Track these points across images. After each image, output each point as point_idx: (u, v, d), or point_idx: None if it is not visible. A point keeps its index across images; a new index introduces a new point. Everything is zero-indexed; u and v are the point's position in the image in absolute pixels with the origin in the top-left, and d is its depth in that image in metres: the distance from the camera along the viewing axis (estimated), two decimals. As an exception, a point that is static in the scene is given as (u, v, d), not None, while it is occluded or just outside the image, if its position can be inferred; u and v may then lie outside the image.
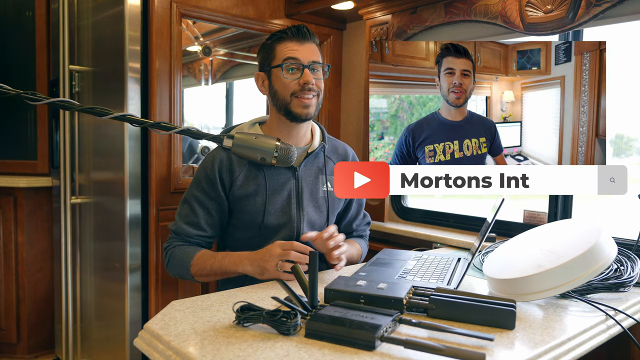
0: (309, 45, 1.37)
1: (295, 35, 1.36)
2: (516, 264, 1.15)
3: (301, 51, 1.35)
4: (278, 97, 1.38)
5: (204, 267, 1.35)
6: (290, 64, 1.35)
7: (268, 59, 1.39)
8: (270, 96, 1.41)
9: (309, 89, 1.35)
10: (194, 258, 1.36)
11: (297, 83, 1.35)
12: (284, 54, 1.35)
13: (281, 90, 1.37)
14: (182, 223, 1.41)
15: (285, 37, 1.37)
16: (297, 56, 1.35)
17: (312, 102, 1.37)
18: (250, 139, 1.08)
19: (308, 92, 1.35)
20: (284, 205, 1.41)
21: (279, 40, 1.37)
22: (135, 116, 1.04)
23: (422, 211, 2.14)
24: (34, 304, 2.50)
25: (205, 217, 1.40)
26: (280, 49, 1.36)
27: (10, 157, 2.53)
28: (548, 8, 1.57)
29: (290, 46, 1.36)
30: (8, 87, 0.91)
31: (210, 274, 1.36)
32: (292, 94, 1.35)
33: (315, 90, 1.37)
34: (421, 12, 1.97)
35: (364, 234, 1.66)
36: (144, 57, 1.86)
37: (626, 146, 1.75)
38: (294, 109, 1.36)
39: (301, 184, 1.43)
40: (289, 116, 1.38)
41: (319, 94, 1.39)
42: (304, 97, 1.35)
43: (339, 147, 1.57)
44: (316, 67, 1.38)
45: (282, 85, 1.36)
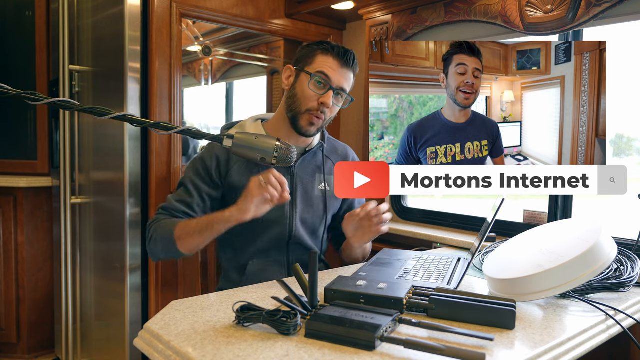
0: (347, 72, 1.37)
1: (341, 57, 1.36)
2: (516, 264, 1.15)
3: (337, 73, 1.35)
4: (295, 100, 1.38)
5: (188, 225, 1.29)
6: (321, 79, 1.34)
7: (305, 61, 1.39)
8: (289, 95, 1.41)
9: (322, 111, 1.35)
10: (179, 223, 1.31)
11: (317, 99, 1.35)
12: (321, 66, 1.35)
13: (300, 98, 1.37)
14: (174, 200, 1.39)
15: (331, 52, 1.36)
16: (331, 75, 1.35)
17: (318, 123, 1.37)
18: (250, 139, 1.08)
19: (320, 113, 1.36)
20: None
21: (325, 52, 1.37)
22: (135, 116, 1.04)
23: (422, 211, 2.14)
24: (34, 304, 2.50)
25: (197, 199, 1.39)
26: (321, 59, 1.36)
27: (10, 157, 2.53)
28: (548, 8, 1.57)
29: (330, 63, 1.35)
30: (8, 87, 0.91)
31: (194, 232, 1.28)
32: (307, 108, 1.36)
33: (327, 115, 1.37)
34: (421, 12, 1.97)
35: None
36: (144, 57, 1.86)
37: (626, 146, 1.75)
38: (301, 121, 1.37)
39: (296, 181, 1.44)
40: (293, 125, 1.39)
41: (326, 120, 1.39)
42: (315, 115, 1.35)
43: (339, 148, 1.57)
44: (341, 94, 1.38)
45: (302, 94, 1.36)
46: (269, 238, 1.42)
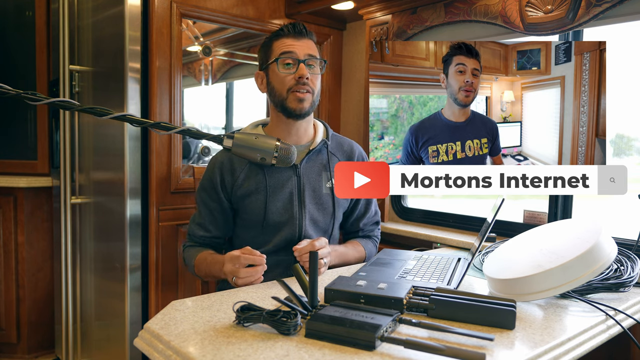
0: (305, 41, 1.39)
1: (291, 32, 1.38)
2: (516, 264, 1.15)
3: (297, 46, 1.37)
4: (275, 93, 1.39)
5: (201, 269, 1.42)
6: (286, 57, 1.36)
7: (266, 56, 1.41)
8: (269, 93, 1.42)
9: (303, 83, 1.36)
10: (194, 260, 1.43)
11: (293, 78, 1.36)
12: (280, 49, 1.37)
13: (278, 86, 1.38)
14: (193, 224, 1.48)
15: (282, 34, 1.39)
16: (293, 50, 1.36)
17: (306, 97, 1.37)
18: (250, 139, 1.08)
19: (303, 87, 1.36)
20: (286, 203, 1.41)
21: (276, 37, 1.39)
22: (135, 116, 1.04)
23: (422, 211, 2.14)
24: (34, 304, 2.50)
25: (209, 218, 1.45)
26: (277, 45, 1.38)
27: (10, 157, 2.53)
28: (548, 8, 1.57)
29: (286, 42, 1.37)
30: (8, 87, 0.91)
31: (208, 276, 1.42)
32: (288, 89, 1.36)
33: (310, 85, 1.37)
34: (421, 12, 1.97)
35: (371, 234, 1.62)
36: (144, 57, 1.86)
37: (626, 146, 1.75)
38: (289, 104, 1.37)
39: (303, 181, 1.43)
40: (285, 112, 1.39)
41: (314, 91, 1.39)
42: (299, 91, 1.36)
43: (344, 144, 1.55)
44: (312, 62, 1.38)
45: (278, 81, 1.37)
46: (279, 240, 1.42)
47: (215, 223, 1.46)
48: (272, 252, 1.42)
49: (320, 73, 1.41)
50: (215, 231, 1.46)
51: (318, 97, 1.42)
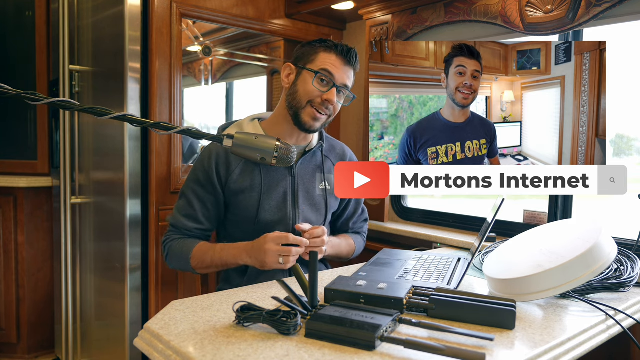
0: (349, 69, 1.38)
1: (344, 55, 1.36)
2: (516, 264, 1.15)
3: (340, 71, 1.35)
4: (296, 97, 1.37)
5: (204, 259, 1.36)
6: (325, 76, 1.34)
7: (307, 58, 1.38)
8: (289, 93, 1.40)
9: (326, 107, 1.35)
10: (192, 251, 1.37)
11: (320, 95, 1.35)
12: (324, 64, 1.35)
13: (302, 92, 1.36)
14: (180, 216, 1.42)
15: (334, 50, 1.36)
16: (334, 73, 1.34)
17: (322, 118, 1.37)
18: (250, 139, 1.07)
19: (324, 109, 1.36)
20: (280, 202, 1.41)
21: (328, 49, 1.37)
22: (135, 116, 1.04)
23: (422, 211, 2.14)
24: (34, 304, 2.50)
25: (202, 210, 1.41)
26: (323, 57, 1.36)
27: (10, 157, 2.53)
28: (548, 8, 1.57)
29: (334, 61, 1.35)
30: (8, 87, 0.91)
31: (211, 266, 1.37)
32: (309, 101, 1.35)
33: (331, 111, 1.37)
34: (421, 12, 1.97)
35: (360, 231, 1.66)
36: (144, 57, 1.86)
37: (626, 146, 1.75)
38: (303, 116, 1.36)
39: (297, 182, 1.43)
40: (295, 120, 1.38)
41: (331, 116, 1.40)
42: (318, 110, 1.35)
43: (336, 147, 1.57)
44: (344, 91, 1.38)
45: (305, 89, 1.36)
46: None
47: (208, 215, 1.42)
48: None
49: (344, 105, 1.41)
50: (207, 224, 1.42)
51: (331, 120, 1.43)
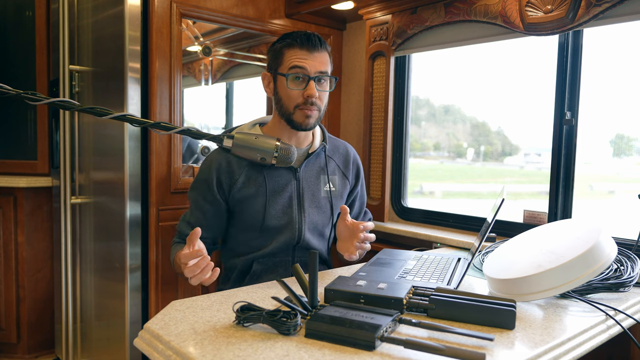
0: (318, 54, 1.34)
1: (304, 44, 1.32)
2: (516, 264, 1.15)
3: (309, 61, 1.32)
4: (282, 104, 1.37)
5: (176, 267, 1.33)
6: (296, 73, 1.32)
7: (276, 62, 1.37)
8: (275, 101, 1.41)
9: (311, 102, 1.33)
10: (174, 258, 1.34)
11: (301, 94, 1.33)
12: (291, 61, 1.33)
13: (285, 100, 1.36)
14: (182, 222, 1.45)
15: (294, 44, 1.33)
16: (304, 66, 1.32)
17: (313, 114, 1.36)
18: (250, 139, 1.07)
19: (310, 106, 1.34)
20: (285, 206, 1.41)
21: (288, 46, 1.34)
22: (135, 116, 1.04)
23: (422, 211, 2.14)
24: (34, 304, 2.50)
25: (201, 219, 1.42)
26: (288, 55, 1.34)
27: (10, 157, 2.53)
28: (548, 8, 1.57)
29: (298, 54, 1.32)
30: (8, 87, 0.91)
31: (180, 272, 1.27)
32: (295, 106, 1.34)
33: (317, 104, 1.35)
34: (421, 12, 1.97)
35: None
36: (144, 57, 1.86)
37: (626, 146, 1.75)
38: (296, 119, 1.36)
39: (302, 185, 1.43)
40: (290, 124, 1.38)
41: (321, 107, 1.38)
42: (306, 109, 1.34)
43: (339, 147, 1.57)
44: (323, 78, 1.36)
45: (286, 95, 1.35)
46: (277, 243, 1.42)
47: (206, 224, 1.41)
48: (270, 255, 1.42)
49: (329, 90, 1.39)
50: (205, 232, 1.41)
51: (324, 110, 1.40)
